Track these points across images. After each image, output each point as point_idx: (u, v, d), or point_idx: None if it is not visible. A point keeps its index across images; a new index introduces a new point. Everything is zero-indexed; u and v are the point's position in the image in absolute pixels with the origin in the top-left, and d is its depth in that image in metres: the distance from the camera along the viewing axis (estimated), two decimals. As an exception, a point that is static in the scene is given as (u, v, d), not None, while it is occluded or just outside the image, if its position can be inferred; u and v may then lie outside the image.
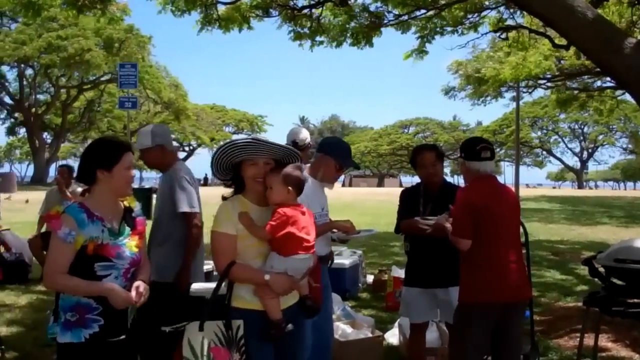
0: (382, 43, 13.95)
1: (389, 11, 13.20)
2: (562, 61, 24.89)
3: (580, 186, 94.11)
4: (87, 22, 42.35)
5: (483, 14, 14.06)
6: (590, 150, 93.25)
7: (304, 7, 13.06)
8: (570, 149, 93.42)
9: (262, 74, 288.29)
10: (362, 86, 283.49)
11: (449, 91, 36.11)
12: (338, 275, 9.16)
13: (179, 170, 5.79)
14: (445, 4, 12.82)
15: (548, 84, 30.47)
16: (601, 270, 5.95)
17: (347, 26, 13.30)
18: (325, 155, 5.49)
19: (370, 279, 11.37)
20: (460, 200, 5.00)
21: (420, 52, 14.31)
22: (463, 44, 21.19)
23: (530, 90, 33.91)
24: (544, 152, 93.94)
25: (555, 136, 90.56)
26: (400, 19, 13.24)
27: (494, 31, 14.62)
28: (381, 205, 31.54)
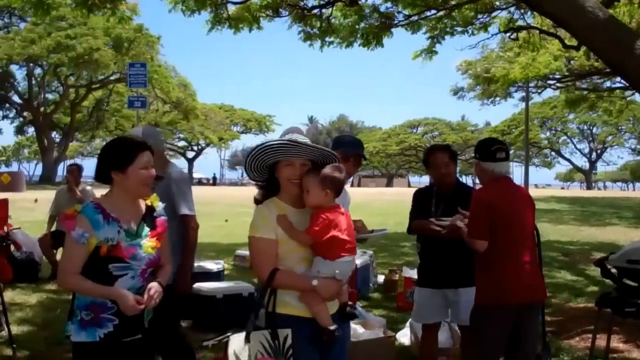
0: (391, 43, 13.93)
1: (399, 11, 13.16)
2: (572, 61, 24.86)
3: (589, 187, 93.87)
4: (96, 22, 42.40)
5: (493, 14, 14.02)
6: (599, 151, 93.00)
7: (314, 7, 13.02)
8: (579, 150, 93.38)
9: (271, 73, 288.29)
10: (371, 86, 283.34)
11: (457, 91, 36.11)
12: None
13: (176, 172, 5.74)
14: (455, 4, 12.79)
15: (558, 85, 30.44)
16: (613, 271, 5.94)
17: (357, 27, 13.27)
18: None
19: (381, 279, 11.36)
20: (476, 202, 4.99)
21: (430, 52, 14.27)
22: (473, 44, 21.25)
23: (539, 91, 33.92)
24: (553, 153, 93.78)
25: (564, 137, 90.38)
26: (410, 19, 13.20)
27: (504, 31, 14.56)
28: (390, 205, 31.49)
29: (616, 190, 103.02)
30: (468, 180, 71.09)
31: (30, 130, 67.60)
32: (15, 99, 58.94)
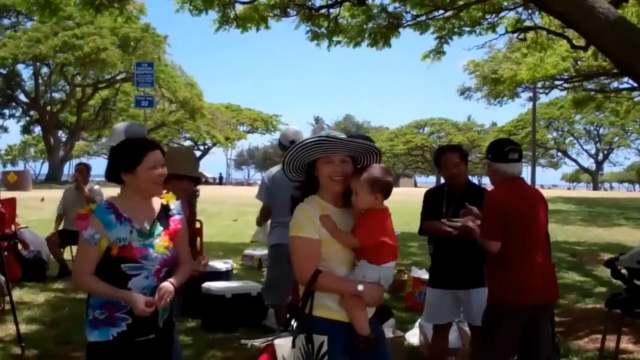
0: (398, 43, 13.92)
1: (407, 12, 13.15)
2: (579, 62, 24.82)
3: (595, 187, 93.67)
4: (103, 21, 42.35)
5: (501, 14, 14.01)
6: (605, 152, 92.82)
7: (321, 7, 13.03)
8: (586, 150, 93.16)
9: (277, 73, 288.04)
10: (377, 86, 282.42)
11: (464, 92, 36.05)
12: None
13: None
14: (463, 4, 12.78)
15: (565, 85, 30.42)
16: (623, 272, 5.93)
17: (365, 27, 13.27)
18: None
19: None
20: (489, 202, 4.98)
21: (438, 53, 14.28)
22: (480, 44, 21.16)
23: (547, 91, 33.91)
24: (559, 153, 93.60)
25: (571, 137, 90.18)
26: (418, 19, 13.20)
27: (512, 32, 14.56)
28: (397, 205, 31.37)
29: (622, 191, 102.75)
30: (473, 180, 70.97)
31: (37, 130, 67.62)
32: (22, 97, 59.01)
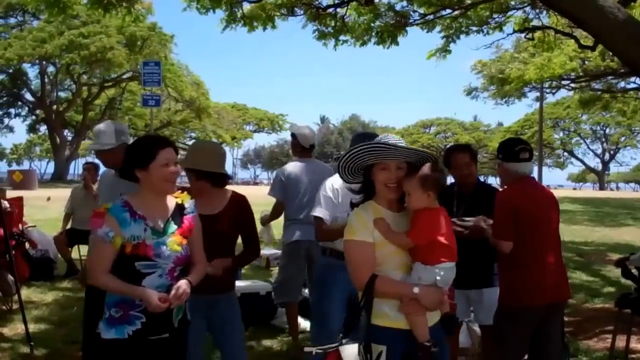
0: (404, 42, 13.81)
1: (414, 10, 13.13)
2: (587, 62, 24.76)
3: (601, 188, 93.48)
4: (109, 20, 42.14)
5: (508, 14, 13.98)
6: (612, 152, 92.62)
7: (328, 6, 13.01)
8: (592, 150, 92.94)
9: (283, 73, 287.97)
10: (383, 86, 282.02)
11: (471, 91, 35.99)
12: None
13: None
14: (471, 3, 12.74)
15: (572, 85, 30.34)
16: (634, 271, 5.91)
17: (372, 25, 13.25)
18: None
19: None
20: (501, 202, 4.97)
21: (444, 52, 14.28)
22: (487, 44, 21.19)
23: (554, 91, 33.83)
24: (566, 153, 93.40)
25: (577, 137, 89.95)
26: (425, 18, 13.17)
27: (520, 31, 14.53)
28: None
29: (629, 191, 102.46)
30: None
31: (43, 129, 67.71)
32: (28, 97, 59.12)
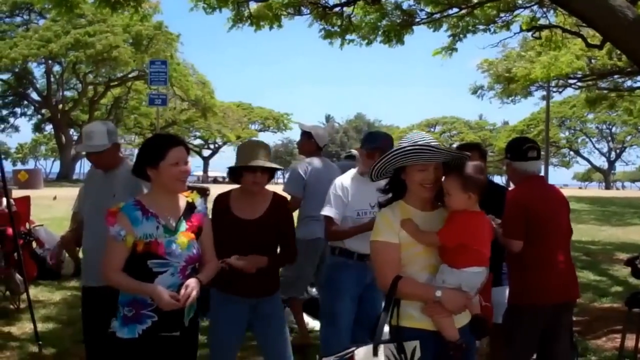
0: (409, 41, 13.80)
1: (421, 9, 13.11)
2: (594, 61, 24.72)
3: (607, 187, 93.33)
4: (115, 19, 42.35)
5: (516, 12, 13.95)
6: (618, 151, 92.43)
7: (335, 6, 12.99)
8: (598, 149, 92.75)
9: (289, 72, 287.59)
10: (388, 85, 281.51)
11: (476, 90, 35.97)
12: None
13: (127, 172, 4.94)
14: (478, 2, 12.72)
15: (579, 84, 30.30)
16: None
17: (379, 24, 13.24)
18: (360, 148, 5.66)
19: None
20: (511, 202, 4.95)
21: (450, 50, 14.26)
22: (494, 43, 21.16)
23: (560, 90, 33.78)
24: (572, 152, 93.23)
25: (583, 136, 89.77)
26: (432, 17, 13.15)
27: (527, 30, 14.50)
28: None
29: (635, 190, 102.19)
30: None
31: (48, 128, 67.90)
32: (34, 96, 59.30)
